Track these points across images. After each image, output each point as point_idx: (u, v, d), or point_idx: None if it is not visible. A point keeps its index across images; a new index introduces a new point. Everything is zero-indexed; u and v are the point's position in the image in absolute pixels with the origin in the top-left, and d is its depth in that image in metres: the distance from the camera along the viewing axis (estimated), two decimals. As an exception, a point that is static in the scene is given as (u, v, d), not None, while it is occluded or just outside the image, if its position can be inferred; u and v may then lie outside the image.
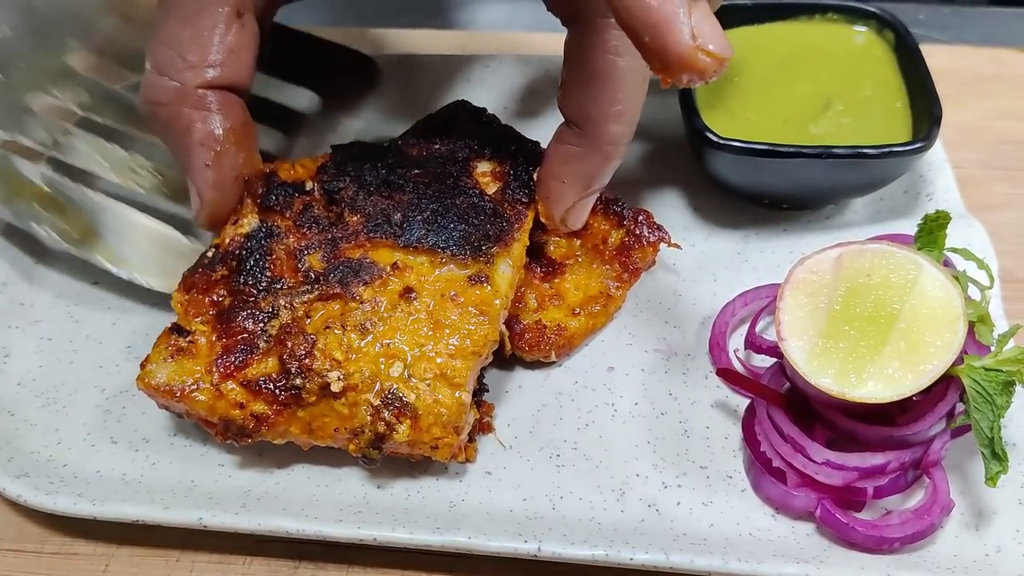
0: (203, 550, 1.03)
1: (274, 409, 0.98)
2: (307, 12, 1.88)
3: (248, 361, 0.99)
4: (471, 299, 1.00)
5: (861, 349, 0.97)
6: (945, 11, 1.80)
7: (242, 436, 0.99)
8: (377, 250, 1.03)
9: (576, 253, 1.16)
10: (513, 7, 1.90)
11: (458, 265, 1.01)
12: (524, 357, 1.12)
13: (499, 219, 1.05)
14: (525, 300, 1.12)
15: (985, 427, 0.94)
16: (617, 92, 0.99)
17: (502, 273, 1.02)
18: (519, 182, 1.09)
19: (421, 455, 1.00)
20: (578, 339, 1.14)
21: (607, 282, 1.15)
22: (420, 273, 1.01)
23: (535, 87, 1.48)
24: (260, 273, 1.03)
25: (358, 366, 0.97)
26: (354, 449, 0.98)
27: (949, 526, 0.99)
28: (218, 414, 0.98)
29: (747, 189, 1.28)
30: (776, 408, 1.03)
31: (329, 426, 0.98)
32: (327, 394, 0.97)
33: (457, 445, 0.98)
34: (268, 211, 1.07)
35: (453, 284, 1.01)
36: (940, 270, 1.00)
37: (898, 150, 1.16)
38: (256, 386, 0.98)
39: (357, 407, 0.96)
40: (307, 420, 0.98)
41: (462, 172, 1.09)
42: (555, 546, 0.95)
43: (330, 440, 0.99)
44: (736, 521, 1.00)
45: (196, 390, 0.98)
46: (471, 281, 1.01)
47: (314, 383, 0.96)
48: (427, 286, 1.00)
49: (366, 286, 1.00)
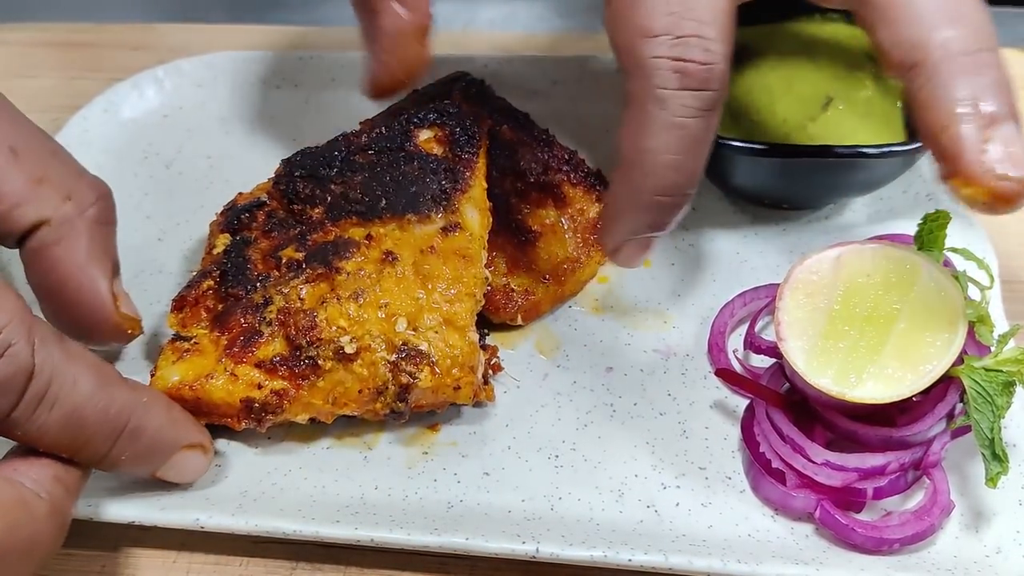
0: (200, 551, 1.02)
1: (294, 383, 1.00)
2: (308, 12, 1.89)
3: (256, 345, 1.02)
4: (449, 247, 1.04)
5: (861, 349, 0.97)
6: (945, 11, 1.79)
7: (264, 415, 1.00)
8: (347, 231, 1.07)
9: (552, 223, 1.20)
10: (512, 7, 1.89)
11: (426, 222, 1.06)
12: (491, 319, 1.15)
13: (450, 171, 1.10)
14: (495, 264, 1.16)
15: (985, 428, 0.94)
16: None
17: (471, 217, 1.07)
18: (464, 137, 1.14)
19: (445, 401, 1.03)
20: (545, 305, 1.17)
21: (576, 251, 1.19)
22: (394, 238, 1.06)
23: (533, 88, 1.48)
24: (243, 275, 1.07)
25: (364, 328, 1.00)
26: (381, 407, 1.00)
27: (949, 527, 0.98)
28: (238, 397, 1.00)
29: (746, 189, 1.28)
30: (775, 409, 1.03)
31: (352, 390, 1.00)
32: (343, 358, 0.99)
33: (476, 385, 1.02)
34: (236, 231, 1.13)
35: (428, 239, 1.05)
36: (940, 270, 1.00)
37: (898, 150, 1.15)
38: (270, 365, 1.01)
39: (375, 366, 0.99)
40: (328, 389, 1.00)
41: (405, 142, 1.14)
42: (553, 547, 0.94)
43: (355, 405, 1.01)
44: (735, 522, 1.00)
45: (212, 379, 1.00)
46: (444, 232, 1.05)
47: (328, 350, 1.00)
48: (404, 247, 1.05)
49: (347, 260, 1.04)
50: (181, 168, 1.40)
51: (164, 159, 1.41)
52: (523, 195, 1.22)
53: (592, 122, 1.44)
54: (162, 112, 1.48)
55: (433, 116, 1.16)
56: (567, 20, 1.87)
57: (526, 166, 1.23)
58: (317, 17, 1.87)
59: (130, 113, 1.46)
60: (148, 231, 1.31)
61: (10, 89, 1.37)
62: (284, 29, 1.72)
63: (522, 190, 1.22)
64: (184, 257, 1.28)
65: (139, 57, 1.62)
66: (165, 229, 1.31)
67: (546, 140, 1.26)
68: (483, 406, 1.09)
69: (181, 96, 1.49)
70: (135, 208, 1.34)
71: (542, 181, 1.22)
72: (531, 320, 1.18)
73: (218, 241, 1.13)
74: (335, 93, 1.49)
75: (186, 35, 1.69)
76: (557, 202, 1.22)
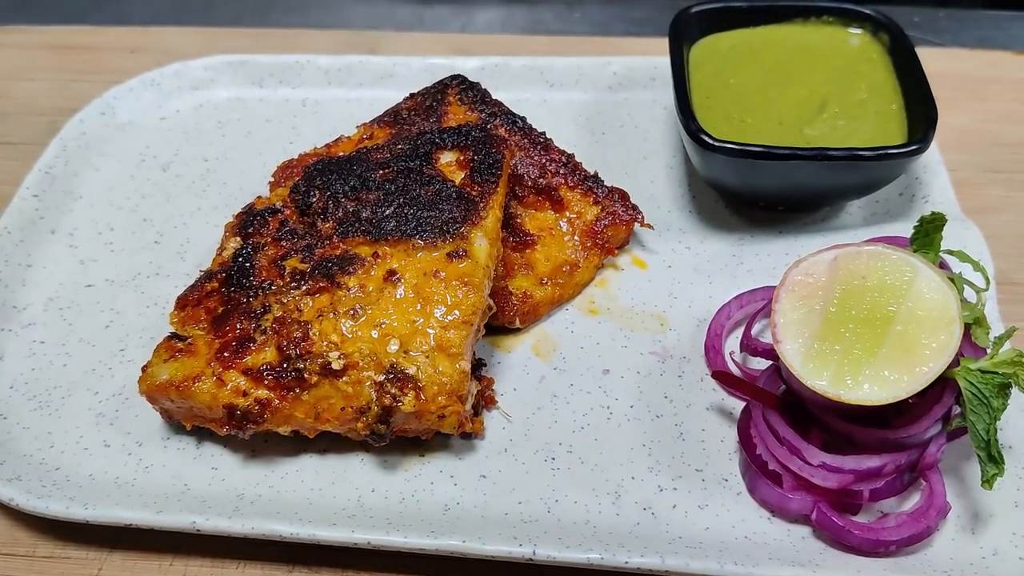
0: (196, 554, 1.02)
1: (278, 394, 1.00)
2: (304, 15, 1.89)
3: (247, 352, 1.02)
4: (453, 273, 1.04)
5: (857, 351, 0.97)
6: (940, 14, 1.80)
7: (247, 423, 1.00)
8: (355, 247, 1.07)
9: (550, 227, 1.21)
10: (508, 10, 1.90)
11: (433, 247, 1.05)
12: (489, 322, 1.14)
13: (464, 200, 1.09)
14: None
15: (981, 429, 0.94)
16: None
17: (479, 246, 1.06)
18: (485, 164, 1.13)
19: (429, 429, 1.02)
20: (543, 308, 1.18)
21: (575, 254, 1.20)
22: (400, 259, 1.05)
23: (530, 90, 1.48)
24: (248, 280, 1.07)
25: (356, 346, 1.00)
26: (362, 427, 0.99)
27: (945, 529, 0.98)
28: (221, 402, 1.00)
29: (742, 191, 1.28)
30: (772, 411, 1.03)
31: (335, 407, 1.00)
32: (329, 373, 0.99)
33: (463, 415, 1.00)
34: (248, 236, 1.13)
35: (434, 263, 1.04)
36: (936, 272, 1.00)
37: (893, 152, 1.16)
38: (258, 373, 1.00)
39: (360, 384, 0.99)
40: (312, 403, 1.00)
41: (425, 164, 1.13)
42: (550, 549, 0.94)
43: (336, 422, 1.01)
44: (732, 524, 1.00)
45: (198, 382, 1.00)
46: (450, 257, 1.04)
47: (315, 364, 0.99)
48: (409, 268, 1.04)
49: (350, 275, 1.04)
50: (178, 171, 1.40)
51: (161, 162, 1.41)
52: (520, 198, 1.22)
53: (590, 125, 1.45)
54: (159, 115, 1.48)
55: (457, 138, 1.15)
56: (564, 23, 1.87)
57: (523, 169, 1.23)
58: (313, 20, 1.87)
59: (127, 116, 1.46)
60: (145, 233, 1.31)
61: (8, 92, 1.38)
62: (280, 32, 1.72)
63: (519, 193, 1.22)
64: (181, 259, 1.27)
65: (136, 60, 1.63)
66: (162, 232, 1.31)
67: (543, 143, 1.27)
68: (471, 438, 1.07)
69: (178, 99, 1.49)
70: (132, 211, 1.34)
71: (539, 184, 1.23)
72: (529, 323, 1.18)
73: (229, 243, 1.13)
74: (332, 96, 1.50)
75: (183, 38, 1.70)
76: (555, 205, 1.22)
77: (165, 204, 1.35)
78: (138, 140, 1.44)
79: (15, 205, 1.30)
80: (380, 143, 1.20)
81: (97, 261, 1.28)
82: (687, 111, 1.22)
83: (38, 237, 1.29)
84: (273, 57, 1.52)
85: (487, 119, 1.26)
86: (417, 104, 1.30)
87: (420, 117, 1.28)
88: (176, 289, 1.12)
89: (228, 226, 1.16)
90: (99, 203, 1.35)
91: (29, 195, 1.32)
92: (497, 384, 1.13)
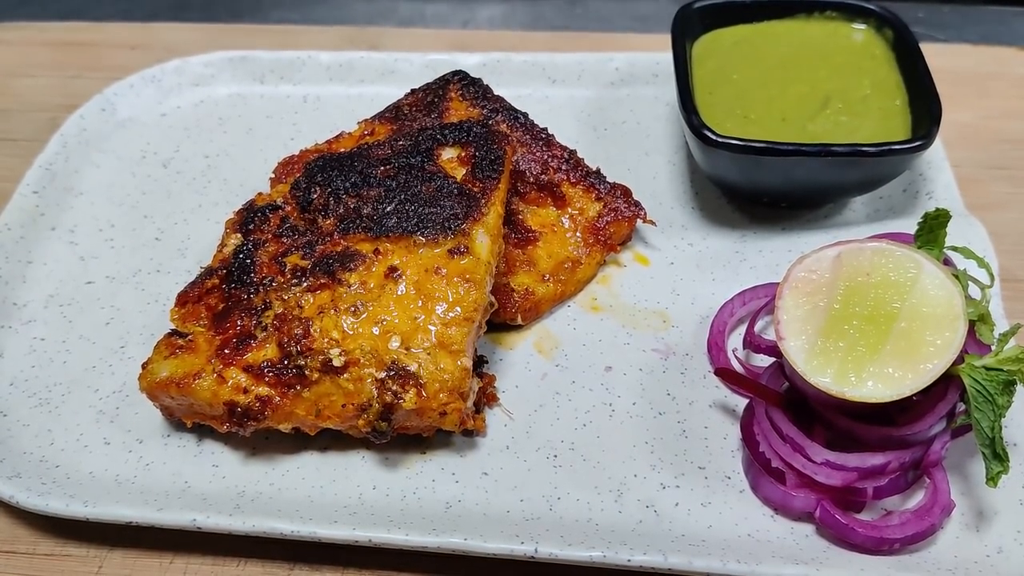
0: (197, 552, 1.02)
1: (279, 391, 1.00)
2: (306, 11, 1.89)
3: (248, 349, 1.01)
4: (454, 270, 1.03)
5: (860, 348, 0.97)
6: (944, 9, 1.79)
7: (247, 421, 1.00)
8: (356, 244, 1.06)
9: (552, 223, 1.20)
10: (510, 5, 1.89)
11: (435, 243, 1.04)
12: (491, 319, 1.14)
13: (465, 197, 1.09)
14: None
15: (986, 427, 0.94)
16: None
17: (480, 242, 1.06)
18: (486, 160, 1.12)
19: (431, 426, 1.01)
20: (545, 305, 1.18)
21: (577, 250, 1.19)
22: (401, 255, 1.04)
23: (532, 86, 1.47)
24: (248, 276, 1.07)
25: (357, 343, 0.99)
26: (363, 424, 0.99)
27: (950, 527, 0.98)
28: (222, 399, 0.99)
29: (745, 187, 1.27)
30: (775, 408, 1.02)
31: (336, 404, 1.00)
32: (330, 370, 0.99)
33: (465, 412, 1.00)
34: (249, 232, 1.13)
35: (435, 260, 1.04)
36: (940, 269, 1.00)
37: (897, 148, 1.15)
38: (258, 370, 1.00)
39: (361, 381, 0.98)
40: (313, 400, 1.00)
41: (426, 160, 1.13)
42: (552, 547, 0.94)
43: (337, 419, 1.00)
44: (735, 522, 0.99)
45: (199, 379, 1.00)
46: (451, 254, 1.04)
47: (316, 361, 0.99)
48: (410, 265, 1.04)
49: (351, 272, 1.04)
50: (179, 167, 1.40)
51: (162, 158, 1.41)
52: (522, 195, 1.22)
53: (592, 121, 1.44)
54: (160, 111, 1.47)
55: (459, 135, 1.15)
56: (565, 19, 1.87)
57: (525, 165, 1.23)
58: (314, 17, 1.87)
59: (128, 112, 1.46)
60: (145, 230, 1.31)
61: (8, 88, 1.38)
62: (281, 28, 1.72)
63: (521, 189, 1.22)
64: (182, 256, 1.27)
65: (137, 56, 1.62)
66: (163, 228, 1.31)
67: (545, 139, 1.26)
68: (473, 435, 1.07)
69: (179, 95, 1.49)
70: (132, 207, 1.34)
71: (541, 180, 1.22)
72: (531, 320, 1.18)
73: (229, 240, 1.13)
74: (332, 92, 1.49)
75: (184, 34, 1.69)
76: (557, 201, 1.22)
77: (166, 201, 1.35)
78: (139, 136, 1.44)
79: (15, 202, 1.30)
80: (381, 139, 1.20)
81: (97, 258, 1.27)
82: (690, 107, 1.21)
83: (38, 234, 1.29)
84: (274, 53, 1.52)
85: (488, 115, 1.26)
86: (418, 100, 1.30)
87: (421, 113, 1.27)
88: (177, 286, 1.12)
89: (229, 223, 1.16)
90: (99, 200, 1.35)
91: (29, 192, 1.31)
92: (499, 381, 1.12)
